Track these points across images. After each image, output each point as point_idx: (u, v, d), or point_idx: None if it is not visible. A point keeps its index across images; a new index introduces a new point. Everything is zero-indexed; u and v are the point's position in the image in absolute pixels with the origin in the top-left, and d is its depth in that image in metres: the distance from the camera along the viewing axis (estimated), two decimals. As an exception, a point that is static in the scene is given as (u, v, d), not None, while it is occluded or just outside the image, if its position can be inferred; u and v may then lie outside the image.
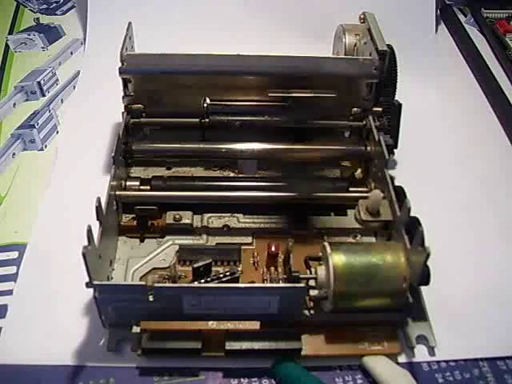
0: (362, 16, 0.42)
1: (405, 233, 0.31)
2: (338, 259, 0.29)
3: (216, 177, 0.39)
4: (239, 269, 0.33)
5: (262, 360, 0.30)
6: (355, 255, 0.30)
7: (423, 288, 0.32)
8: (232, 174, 0.39)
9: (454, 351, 0.32)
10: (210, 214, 0.37)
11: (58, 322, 0.32)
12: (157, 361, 0.30)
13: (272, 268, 0.34)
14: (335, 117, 0.40)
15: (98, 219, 0.30)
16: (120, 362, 0.30)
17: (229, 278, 0.31)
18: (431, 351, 0.31)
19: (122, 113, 0.39)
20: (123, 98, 0.39)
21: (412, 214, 0.31)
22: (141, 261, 0.34)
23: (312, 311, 0.31)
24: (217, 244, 0.35)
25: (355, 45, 0.41)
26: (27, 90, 0.48)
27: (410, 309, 0.30)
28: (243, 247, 0.35)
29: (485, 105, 0.48)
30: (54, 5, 0.58)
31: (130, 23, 0.39)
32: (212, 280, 0.31)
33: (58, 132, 0.44)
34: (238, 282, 0.32)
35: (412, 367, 0.31)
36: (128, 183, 0.36)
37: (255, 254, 0.35)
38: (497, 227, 0.38)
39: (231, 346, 0.30)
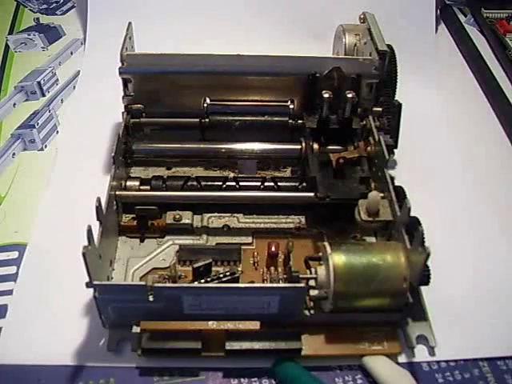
0: (361, 16, 0.42)
1: (405, 233, 0.31)
2: (338, 259, 0.29)
3: (216, 177, 0.39)
4: (239, 269, 0.33)
5: (262, 360, 0.30)
6: (355, 255, 0.30)
7: (423, 288, 0.32)
8: (232, 174, 0.39)
9: (454, 351, 0.32)
10: (209, 214, 0.37)
11: (58, 322, 0.32)
12: (157, 361, 0.30)
13: (272, 268, 0.34)
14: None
15: (98, 219, 0.30)
16: (120, 362, 0.30)
17: (229, 277, 0.31)
18: (431, 351, 0.31)
19: (122, 113, 0.39)
20: (123, 97, 0.39)
21: (412, 214, 0.31)
22: (141, 261, 0.34)
23: (312, 311, 0.31)
24: (217, 244, 0.35)
25: (355, 45, 0.41)
26: (27, 90, 0.48)
27: (409, 309, 0.30)
28: (243, 247, 0.35)
29: (485, 105, 0.48)
30: (54, 5, 0.58)
31: (129, 23, 0.39)
32: (212, 280, 0.31)
33: (57, 132, 0.44)
34: (238, 281, 0.32)
35: (412, 367, 0.31)
36: (128, 183, 0.36)
37: (255, 253, 0.35)
38: (497, 227, 0.38)
39: (231, 346, 0.30)
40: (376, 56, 0.38)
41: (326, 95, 0.36)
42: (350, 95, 0.36)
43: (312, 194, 0.35)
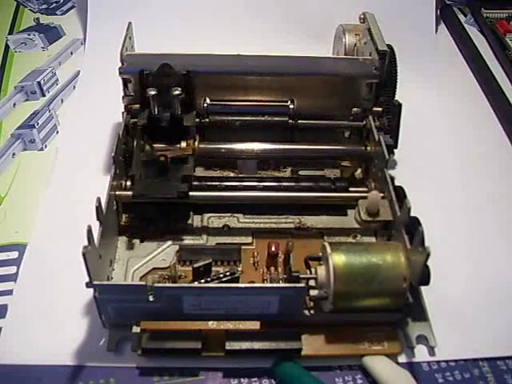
0: (361, 16, 0.42)
1: (405, 233, 0.31)
2: (338, 259, 0.29)
3: (216, 177, 0.39)
4: (239, 269, 0.33)
5: (262, 360, 0.30)
6: (355, 255, 0.30)
7: (423, 288, 0.32)
8: (232, 174, 0.39)
9: (454, 351, 0.32)
10: (209, 214, 0.37)
11: (58, 322, 0.32)
12: (157, 361, 0.30)
13: (272, 268, 0.34)
14: (335, 117, 0.40)
15: (98, 219, 0.30)
16: (120, 362, 0.30)
17: (229, 277, 0.31)
18: (431, 351, 0.31)
19: (122, 113, 0.39)
20: (123, 97, 0.39)
21: (412, 214, 0.31)
22: (141, 261, 0.34)
23: (312, 311, 0.31)
24: (217, 244, 0.35)
25: (355, 45, 0.41)
26: (27, 90, 0.48)
27: (410, 309, 0.30)
28: (243, 247, 0.35)
29: (485, 105, 0.48)
30: (54, 5, 0.58)
31: (130, 23, 0.39)
32: (212, 280, 0.31)
33: (57, 132, 0.44)
34: (238, 282, 0.32)
35: (412, 367, 0.31)
36: (128, 183, 0.36)
37: (255, 253, 0.35)
38: (497, 227, 0.38)
39: (231, 346, 0.30)
40: (376, 56, 0.38)
41: (152, 92, 0.35)
42: (176, 92, 0.35)
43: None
